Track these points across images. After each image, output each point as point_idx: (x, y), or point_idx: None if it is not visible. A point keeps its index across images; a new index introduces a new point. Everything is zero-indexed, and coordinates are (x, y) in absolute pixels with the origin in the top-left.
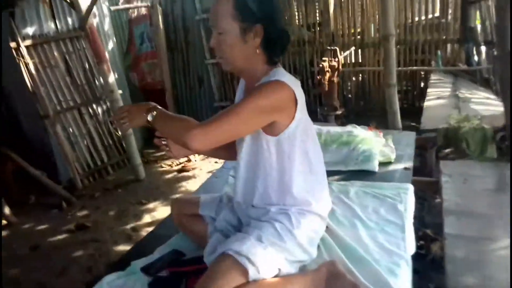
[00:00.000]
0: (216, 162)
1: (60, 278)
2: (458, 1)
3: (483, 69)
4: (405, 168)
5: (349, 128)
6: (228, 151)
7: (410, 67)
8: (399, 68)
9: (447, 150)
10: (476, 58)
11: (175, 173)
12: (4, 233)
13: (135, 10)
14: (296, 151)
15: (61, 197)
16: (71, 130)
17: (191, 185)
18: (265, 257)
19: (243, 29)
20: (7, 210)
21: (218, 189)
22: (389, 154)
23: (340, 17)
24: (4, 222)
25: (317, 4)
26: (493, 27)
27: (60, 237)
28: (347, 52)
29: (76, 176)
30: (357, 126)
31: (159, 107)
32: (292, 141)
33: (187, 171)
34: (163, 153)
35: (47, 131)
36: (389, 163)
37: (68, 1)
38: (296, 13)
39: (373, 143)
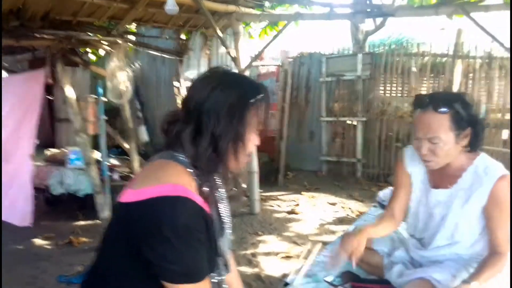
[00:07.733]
0: (324, 211)
1: None
2: None
3: None
4: None
5: None
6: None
7: None
8: None
9: None
10: None
11: (285, 213)
12: None
13: (266, 67)
14: None
15: None
16: None
17: (299, 227)
18: None
19: (457, 135)
20: None
21: None
22: None
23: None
24: None
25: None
26: None
27: None
28: None
29: None
30: None
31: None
32: None
33: (296, 213)
34: (273, 193)
35: None
36: None
37: (232, 57)
38: None
39: None
